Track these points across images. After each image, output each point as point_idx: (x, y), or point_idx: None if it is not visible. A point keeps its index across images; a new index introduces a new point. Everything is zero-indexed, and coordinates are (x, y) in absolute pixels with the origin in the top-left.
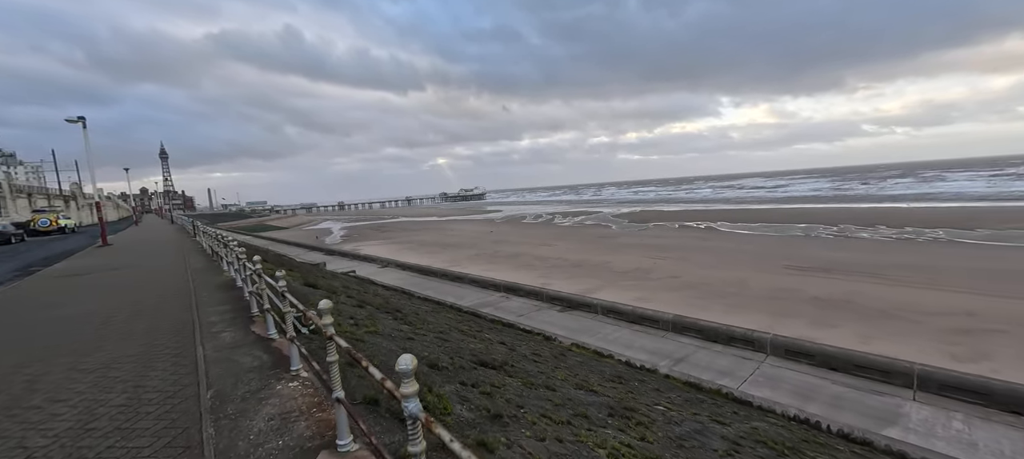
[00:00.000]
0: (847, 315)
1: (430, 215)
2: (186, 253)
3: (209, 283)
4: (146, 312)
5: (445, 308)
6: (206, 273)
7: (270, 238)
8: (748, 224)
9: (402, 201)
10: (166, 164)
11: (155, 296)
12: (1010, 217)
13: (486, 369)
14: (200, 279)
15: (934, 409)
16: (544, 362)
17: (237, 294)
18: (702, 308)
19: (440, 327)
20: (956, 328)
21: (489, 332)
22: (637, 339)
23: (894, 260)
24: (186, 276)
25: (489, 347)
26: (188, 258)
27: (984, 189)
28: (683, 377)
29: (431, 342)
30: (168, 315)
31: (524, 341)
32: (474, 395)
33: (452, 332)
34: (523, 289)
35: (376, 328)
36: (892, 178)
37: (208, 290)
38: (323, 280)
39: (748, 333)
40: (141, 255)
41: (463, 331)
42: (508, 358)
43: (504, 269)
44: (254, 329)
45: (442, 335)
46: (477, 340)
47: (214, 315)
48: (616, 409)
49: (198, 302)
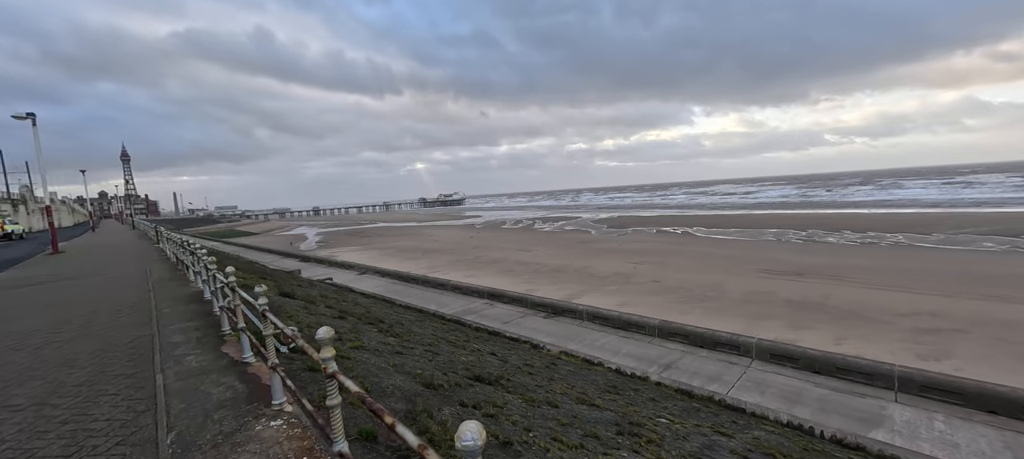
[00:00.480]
0: (821, 317)
1: (409, 220)
2: (147, 261)
3: (173, 295)
4: (97, 329)
5: (429, 316)
6: (170, 284)
7: (241, 244)
8: (723, 229)
9: (380, 206)
10: (128, 167)
11: (109, 310)
12: (962, 222)
13: (483, 385)
14: (163, 291)
15: (916, 410)
16: (538, 374)
17: (206, 308)
18: (683, 312)
19: (427, 338)
20: (922, 328)
21: (477, 342)
22: (624, 345)
23: (861, 263)
24: (147, 287)
25: (481, 359)
26: (149, 267)
27: (937, 196)
28: (674, 384)
29: (421, 356)
30: (123, 333)
31: (513, 350)
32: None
33: (440, 343)
34: (507, 296)
35: (361, 342)
36: (853, 185)
37: (172, 303)
38: (300, 289)
39: (733, 337)
40: (96, 263)
41: (451, 342)
42: (503, 372)
43: (486, 275)
44: (226, 350)
45: (431, 348)
46: (467, 352)
47: (178, 333)
48: (623, 426)
49: (159, 317)
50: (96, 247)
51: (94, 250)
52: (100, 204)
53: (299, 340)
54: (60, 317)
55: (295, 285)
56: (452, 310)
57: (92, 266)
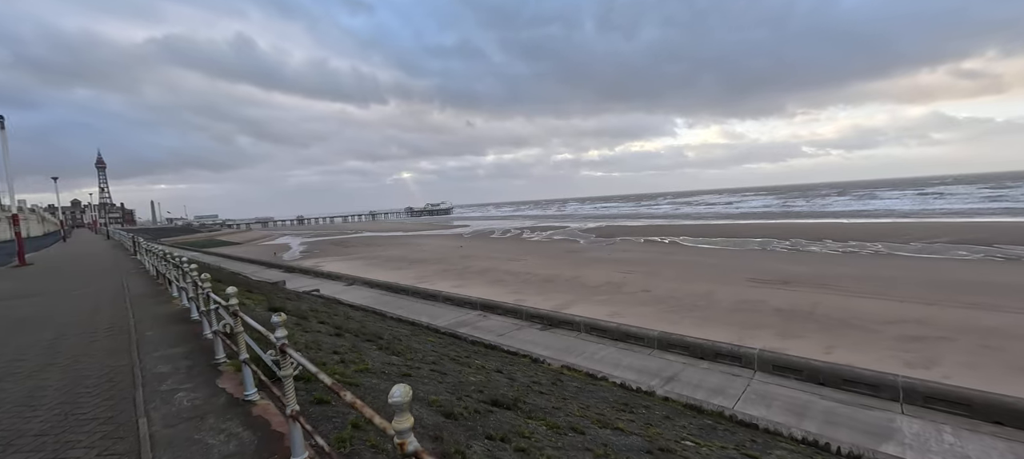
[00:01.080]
0: (810, 326)
1: (396, 230)
2: (124, 275)
3: (155, 315)
4: (66, 358)
5: (422, 330)
6: (150, 301)
7: (221, 254)
8: (709, 238)
9: (366, 215)
10: (103, 174)
11: (81, 333)
12: (937, 232)
13: (501, 410)
14: (143, 309)
15: (924, 422)
16: (549, 393)
17: (194, 330)
18: (673, 322)
19: (429, 356)
20: (908, 336)
21: (478, 357)
22: (624, 357)
23: (845, 272)
24: (124, 305)
25: (489, 379)
26: (127, 281)
27: (911, 207)
28: (682, 399)
29: (429, 378)
30: (98, 362)
31: (515, 366)
32: (509, 455)
33: (444, 361)
34: (501, 307)
35: (366, 364)
36: (831, 196)
37: (154, 324)
38: (289, 302)
39: (734, 349)
40: (67, 277)
41: (453, 358)
42: (516, 393)
43: (475, 285)
44: (223, 384)
45: (436, 366)
46: (472, 370)
47: (163, 362)
48: (654, 452)
49: (140, 342)
50: (67, 259)
51: (65, 262)
52: (73, 213)
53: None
54: (22, 342)
55: (284, 298)
56: (445, 322)
57: (62, 280)
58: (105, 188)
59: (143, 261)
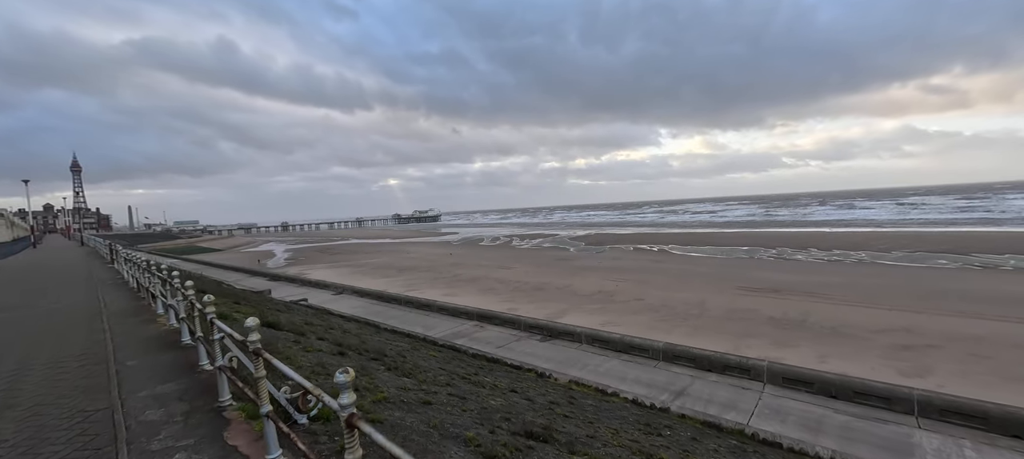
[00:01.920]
0: (803, 335)
1: (384, 237)
2: (100, 287)
3: (137, 337)
4: (26, 399)
5: (420, 342)
6: (131, 320)
7: (202, 261)
8: (697, 246)
9: (353, 222)
10: (78, 178)
11: (47, 363)
12: (917, 241)
13: (540, 444)
14: (122, 329)
15: (942, 437)
16: (573, 417)
17: (185, 358)
18: (668, 331)
19: (438, 375)
20: (898, 344)
21: (485, 373)
22: (629, 370)
23: (832, 280)
24: (100, 324)
25: (510, 402)
26: (103, 294)
27: (889, 216)
28: (698, 415)
29: (450, 405)
30: (67, 405)
31: (523, 382)
32: None
33: (456, 381)
34: (498, 317)
35: (382, 392)
36: (812, 206)
37: (137, 351)
38: (282, 315)
39: (743, 361)
40: (35, 289)
41: (464, 377)
42: (544, 419)
43: (466, 293)
44: (232, 440)
45: (450, 389)
46: (487, 390)
47: (153, 405)
48: None
49: (121, 377)
50: (36, 267)
51: (33, 271)
52: (45, 218)
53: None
54: None
55: (275, 310)
56: (441, 333)
57: (29, 294)
58: (80, 192)
59: (121, 271)
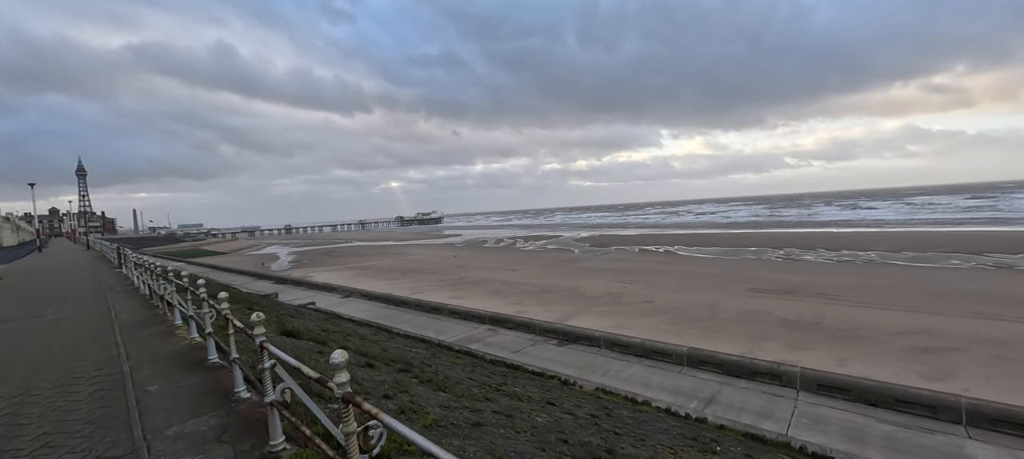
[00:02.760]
0: (819, 337)
1: (386, 239)
2: (110, 293)
3: (155, 354)
4: (27, 440)
5: (434, 347)
6: (146, 332)
7: (207, 265)
8: (703, 248)
9: (355, 224)
10: (84, 182)
11: (53, 386)
12: (926, 241)
13: None
14: (137, 344)
15: (997, 448)
16: (624, 433)
17: (215, 379)
18: (679, 333)
19: (471, 387)
20: (918, 347)
21: (512, 382)
22: (653, 376)
23: (843, 281)
24: (112, 338)
25: (555, 418)
26: (113, 302)
27: (896, 216)
28: (737, 426)
29: (497, 423)
30: (80, 448)
31: (552, 391)
32: None
33: (493, 394)
34: (511, 321)
35: (429, 414)
36: (817, 206)
37: (158, 372)
38: (297, 321)
39: (773, 366)
40: (40, 297)
41: (497, 388)
42: (603, 440)
43: (473, 296)
44: None
45: (492, 403)
46: (526, 403)
47: (186, 450)
48: None
49: (143, 407)
50: (42, 273)
51: (39, 277)
52: (50, 222)
53: None
54: None
55: (290, 317)
56: (454, 338)
57: (34, 301)
58: (85, 196)
59: (131, 276)
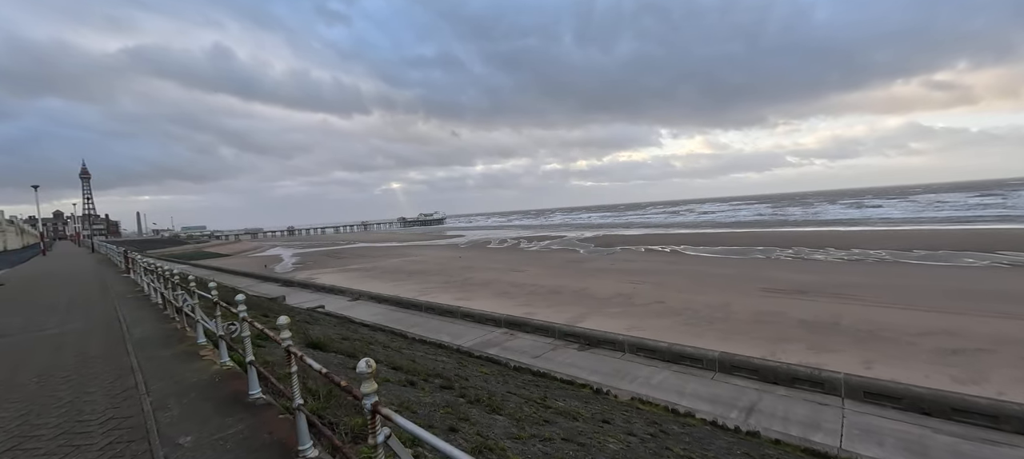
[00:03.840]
0: (841, 339)
1: (389, 240)
2: (118, 301)
3: (180, 384)
4: None
5: (455, 353)
6: (164, 350)
7: (211, 267)
8: (710, 247)
9: (358, 226)
10: (87, 185)
11: (55, 435)
12: (937, 239)
13: None
14: (157, 369)
15: None
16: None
17: (264, 425)
18: (696, 335)
19: (521, 405)
20: (945, 348)
21: (550, 395)
22: (686, 383)
23: (857, 281)
24: (127, 359)
25: (625, 444)
26: (122, 311)
27: (902, 214)
28: (792, 440)
29: (573, 454)
30: None
31: (593, 403)
32: None
33: (550, 414)
34: (528, 324)
35: (507, 453)
36: (822, 204)
37: (187, 412)
38: (317, 329)
39: (814, 373)
40: (43, 305)
41: (540, 402)
42: None
43: (480, 297)
44: None
45: (553, 426)
46: (584, 423)
47: None
48: None
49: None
50: (45, 278)
51: (42, 283)
52: (55, 225)
53: None
54: None
55: (305, 323)
56: (470, 342)
57: (36, 310)
58: (89, 198)
59: (140, 282)
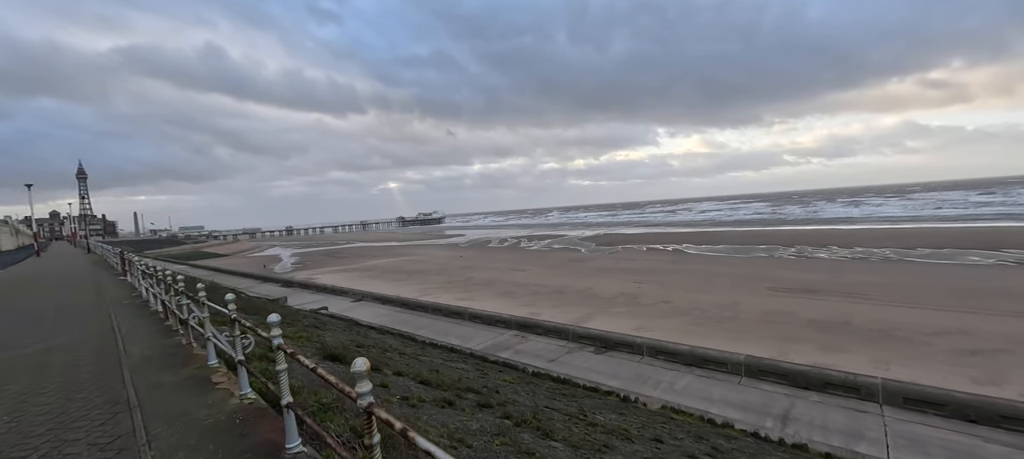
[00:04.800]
0: (852, 339)
1: (389, 240)
2: (113, 309)
3: (195, 427)
4: None
5: (472, 359)
6: (170, 377)
7: (210, 267)
8: (712, 246)
9: (357, 225)
10: (84, 184)
11: None
12: (941, 237)
13: None
14: (162, 402)
15: None
16: None
17: None
18: (705, 335)
19: (566, 425)
20: (962, 349)
21: (589, 407)
22: (713, 389)
23: (864, 279)
24: (122, 389)
25: None
26: (118, 322)
27: (903, 212)
28: (845, 454)
29: None
30: None
31: (629, 414)
32: None
33: (598, 434)
34: (540, 326)
35: None
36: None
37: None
38: (327, 334)
39: (848, 378)
40: (29, 315)
41: (587, 421)
42: None
43: (483, 297)
44: None
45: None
46: (639, 444)
47: None
48: None
49: None
50: (36, 281)
51: (32, 286)
52: (51, 225)
53: None
54: None
55: (315, 328)
56: (481, 345)
57: (21, 321)
58: (85, 197)
59: (138, 286)
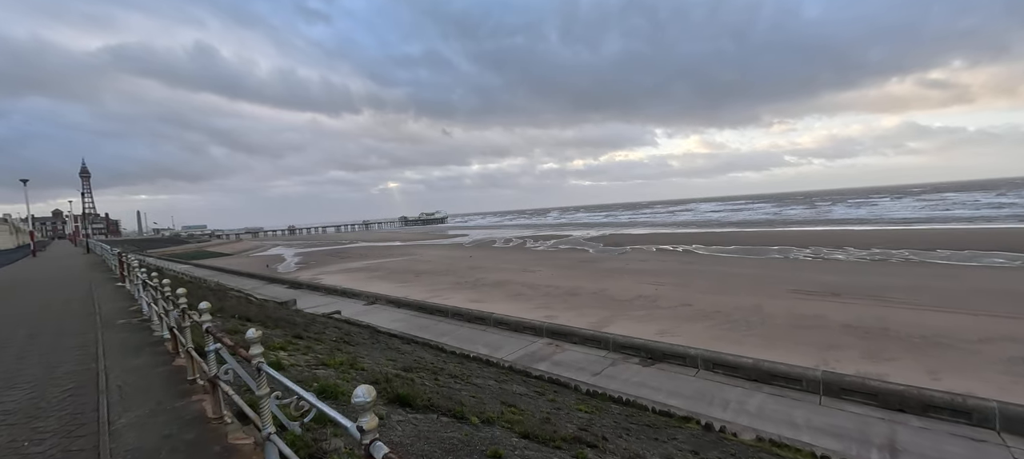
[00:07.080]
0: (895, 345)
1: (392, 239)
2: (104, 331)
3: None
4: None
5: (505, 372)
6: (170, 427)
7: (214, 267)
8: (723, 247)
9: (359, 225)
10: (87, 183)
11: None
12: (960, 238)
13: None
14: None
15: None
16: None
17: None
18: (735, 341)
19: None
20: (1013, 357)
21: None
22: (792, 411)
23: (889, 281)
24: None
25: None
26: (107, 356)
27: (914, 213)
28: None
29: None
30: None
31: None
32: None
33: None
34: (576, 334)
35: None
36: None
37: None
38: (365, 353)
39: (954, 399)
40: None
41: None
42: None
43: (495, 299)
44: None
45: None
46: None
47: None
48: None
49: None
50: (20, 290)
51: (15, 296)
52: (54, 224)
53: None
54: None
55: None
56: (513, 355)
57: None
58: (88, 195)
59: (136, 294)
